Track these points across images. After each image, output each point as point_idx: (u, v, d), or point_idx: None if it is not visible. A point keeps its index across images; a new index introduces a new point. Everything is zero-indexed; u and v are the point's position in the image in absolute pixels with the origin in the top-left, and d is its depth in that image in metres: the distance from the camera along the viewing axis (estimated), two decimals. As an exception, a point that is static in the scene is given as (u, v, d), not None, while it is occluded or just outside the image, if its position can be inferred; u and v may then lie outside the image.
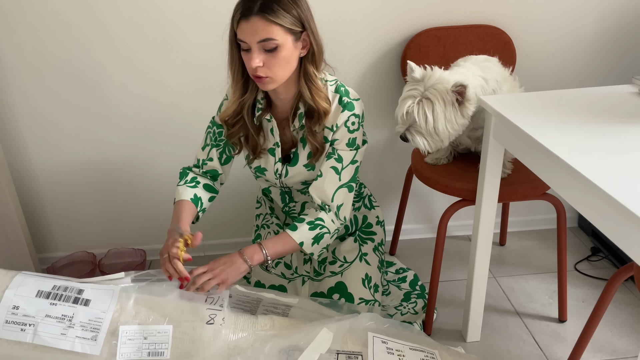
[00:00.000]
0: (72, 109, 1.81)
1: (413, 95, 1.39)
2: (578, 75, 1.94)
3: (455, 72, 1.42)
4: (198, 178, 1.42)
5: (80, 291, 1.16)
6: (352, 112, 1.32)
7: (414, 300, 1.78)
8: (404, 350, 1.20)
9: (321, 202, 1.36)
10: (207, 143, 1.44)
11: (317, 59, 1.27)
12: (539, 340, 1.66)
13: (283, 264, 1.56)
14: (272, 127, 1.37)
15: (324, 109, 1.29)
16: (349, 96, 1.33)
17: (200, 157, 1.44)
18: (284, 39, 1.18)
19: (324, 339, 1.15)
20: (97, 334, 1.11)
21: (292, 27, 1.19)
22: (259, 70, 1.20)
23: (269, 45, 1.18)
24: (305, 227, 1.33)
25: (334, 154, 1.35)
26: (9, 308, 1.11)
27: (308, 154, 1.38)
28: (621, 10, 1.86)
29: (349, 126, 1.32)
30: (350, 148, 1.35)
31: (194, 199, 1.37)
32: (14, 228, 1.81)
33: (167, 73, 1.79)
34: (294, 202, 1.56)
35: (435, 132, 1.39)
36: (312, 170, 1.40)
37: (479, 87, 1.43)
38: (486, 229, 1.51)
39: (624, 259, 1.92)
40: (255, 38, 1.17)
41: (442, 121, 1.37)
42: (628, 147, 1.08)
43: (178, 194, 1.38)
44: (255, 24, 1.16)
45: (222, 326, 1.14)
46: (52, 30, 1.69)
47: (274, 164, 1.41)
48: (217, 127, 1.42)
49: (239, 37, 1.19)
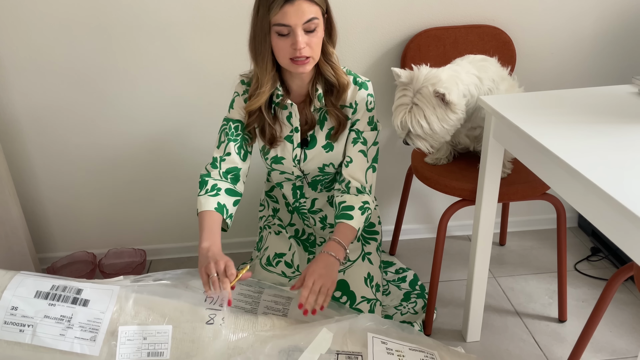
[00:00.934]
0: (72, 109, 1.81)
1: (404, 103, 1.41)
2: (578, 75, 1.94)
3: (443, 70, 1.41)
4: (218, 184, 1.37)
5: (79, 291, 1.16)
6: (367, 91, 1.39)
7: (413, 300, 1.78)
8: (403, 351, 1.20)
9: (360, 185, 1.43)
10: (222, 140, 1.41)
11: (334, 39, 1.34)
12: (539, 340, 1.66)
13: (283, 262, 1.56)
14: (289, 113, 1.39)
15: (346, 82, 1.36)
16: (361, 77, 1.41)
17: (217, 155, 1.40)
18: (320, 18, 1.25)
19: (324, 340, 1.15)
20: (96, 334, 1.10)
21: (323, 7, 1.26)
22: (303, 50, 1.23)
23: (312, 25, 1.23)
24: (358, 212, 1.39)
25: (359, 138, 1.41)
26: (8, 309, 1.11)
27: (326, 134, 1.42)
28: (621, 10, 1.86)
29: (367, 105, 1.39)
30: (371, 127, 1.42)
31: (218, 207, 1.33)
32: (14, 228, 1.81)
33: (167, 73, 1.79)
34: (305, 198, 1.57)
35: (433, 133, 1.41)
36: (330, 151, 1.43)
37: (472, 85, 1.43)
38: (486, 229, 1.51)
39: (624, 259, 1.92)
40: (302, 19, 1.21)
41: (437, 122, 1.39)
42: (628, 147, 1.08)
43: (200, 205, 1.34)
44: (301, 6, 1.20)
45: (222, 326, 1.14)
46: (53, 31, 1.69)
47: (292, 150, 1.43)
48: (232, 122, 1.41)
49: (283, 21, 1.21)
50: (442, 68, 1.43)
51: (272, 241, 1.60)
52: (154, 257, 2.09)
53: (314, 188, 1.55)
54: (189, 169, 1.94)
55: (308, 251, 1.63)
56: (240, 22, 1.72)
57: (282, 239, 1.61)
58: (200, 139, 1.89)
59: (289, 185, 1.56)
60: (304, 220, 1.63)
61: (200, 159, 1.92)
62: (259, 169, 1.70)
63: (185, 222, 2.03)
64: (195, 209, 1.37)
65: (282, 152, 1.44)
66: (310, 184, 1.54)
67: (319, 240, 1.65)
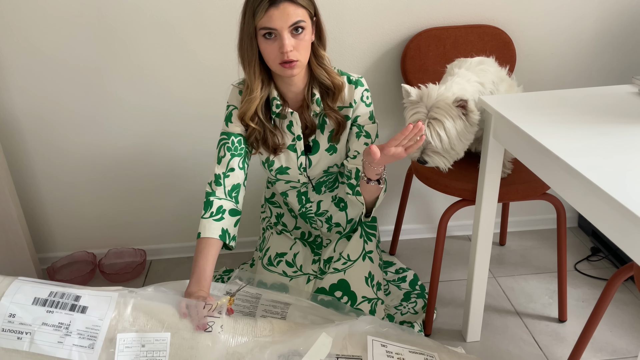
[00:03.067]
0: (72, 109, 1.81)
1: (419, 119, 1.38)
2: (578, 75, 1.94)
3: (451, 85, 1.40)
4: (224, 205, 1.33)
5: (77, 297, 1.14)
6: (363, 87, 1.40)
7: (413, 300, 1.78)
8: (403, 353, 1.19)
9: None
10: (222, 155, 1.37)
11: (324, 42, 1.35)
12: (539, 340, 1.66)
13: (284, 262, 1.56)
14: (290, 122, 1.39)
15: (340, 83, 1.36)
16: (353, 75, 1.41)
17: (219, 172, 1.36)
18: (308, 21, 1.24)
19: (324, 344, 1.15)
20: (95, 341, 1.09)
21: (311, 10, 1.26)
22: (290, 54, 1.22)
23: (298, 28, 1.22)
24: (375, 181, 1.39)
25: (362, 132, 1.41)
26: (6, 316, 1.10)
27: (328, 137, 1.42)
28: (621, 10, 1.86)
29: (365, 101, 1.40)
30: (372, 121, 1.42)
31: (222, 234, 1.30)
32: (14, 228, 1.81)
33: (168, 73, 1.79)
34: (310, 202, 1.57)
35: (452, 147, 1.39)
36: (334, 153, 1.44)
37: (477, 92, 1.43)
38: (486, 229, 1.51)
39: (624, 259, 1.92)
40: (287, 23, 1.20)
41: (455, 136, 1.37)
42: (628, 147, 1.08)
43: (204, 229, 1.30)
44: (286, 9, 1.20)
45: (221, 333, 1.13)
46: (53, 31, 1.69)
47: (297, 158, 1.43)
48: (234, 137, 1.38)
49: (268, 25, 1.21)
50: (447, 84, 1.41)
51: (273, 241, 1.61)
52: (154, 257, 2.09)
53: (318, 191, 1.55)
54: (189, 169, 1.94)
55: (314, 253, 1.63)
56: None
57: (283, 239, 1.61)
58: (201, 138, 1.89)
59: (294, 193, 1.56)
60: (311, 224, 1.63)
61: (200, 159, 1.93)
62: (260, 169, 1.70)
63: (185, 222, 2.03)
64: (195, 209, 1.37)
65: (286, 162, 1.44)
66: (315, 188, 1.54)
67: (325, 241, 1.65)
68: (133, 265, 2.00)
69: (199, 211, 1.34)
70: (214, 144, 1.43)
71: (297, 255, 1.58)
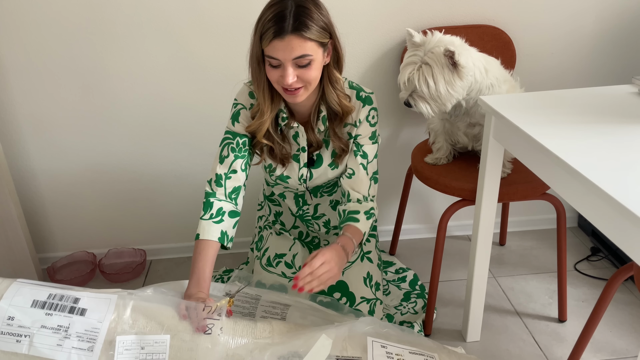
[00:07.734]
0: (72, 109, 1.81)
1: (413, 62, 1.41)
2: (578, 75, 1.94)
3: (453, 41, 1.41)
4: (223, 207, 1.32)
5: (77, 300, 1.14)
6: (371, 106, 1.36)
7: (413, 300, 1.78)
8: (403, 354, 1.19)
9: (362, 196, 1.40)
10: (225, 155, 1.34)
11: (341, 65, 1.29)
12: (539, 340, 1.66)
13: (284, 263, 1.56)
14: (296, 133, 1.38)
15: (349, 109, 1.33)
16: (364, 90, 1.37)
17: (221, 172, 1.33)
18: (316, 53, 1.19)
19: (323, 346, 1.15)
20: (94, 344, 1.09)
21: (323, 39, 1.20)
22: (293, 84, 1.20)
23: (304, 61, 1.18)
24: (364, 216, 1.37)
25: (359, 151, 1.39)
26: (4, 319, 1.09)
27: (332, 153, 1.40)
28: (621, 10, 1.86)
29: (370, 120, 1.37)
30: (372, 141, 1.39)
31: (221, 236, 1.29)
32: (14, 228, 1.81)
33: (168, 74, 1.79)
34: (307, 205, 1.57)
35: (438, 95, 1.40)
36: (336, 168, 1.43)
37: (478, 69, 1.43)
38: (486, 229, 1.51)
39: (624, 259, 1.92)
40: (291, 55, 1.16)
41: (442, 84, 1.38)
42: (628, 147, 1.08)
43: (203, 231, 1.28)
44: (291, 42, 1.15)
45: (221, 335, 1.13)
46: (53, 31, 1.69)
47: (299, 169, 1.42)
48: (240, 137, 1.35)
49: (271, 54, 1.17)
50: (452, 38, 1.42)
51: (272, 241, 1.60)
52: (154, 257, 2.09)
53: (315, 194, 1.54)
54: (189, 169, 1.94)
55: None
56: (241, 21, 1.72)
57: (283, 240, 1.61)
58: (201, 138, 1.89)
59: (291, 195, 1.56)
60: (308, 227, 1.63)
61: (200, 159, 1.93)
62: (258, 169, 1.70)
63: (185, 222, 2.03)
64: (195, 210, 1.36)
65: (288, 171, 1.43)
66: (312, 191, 1.54)
67: (323, 242, 1.64)
68: (133, 265, 2.00)
69: (199, 211, 1.34)
70: (215, 144, 1.43)
71: (296, 256, 1.58)
